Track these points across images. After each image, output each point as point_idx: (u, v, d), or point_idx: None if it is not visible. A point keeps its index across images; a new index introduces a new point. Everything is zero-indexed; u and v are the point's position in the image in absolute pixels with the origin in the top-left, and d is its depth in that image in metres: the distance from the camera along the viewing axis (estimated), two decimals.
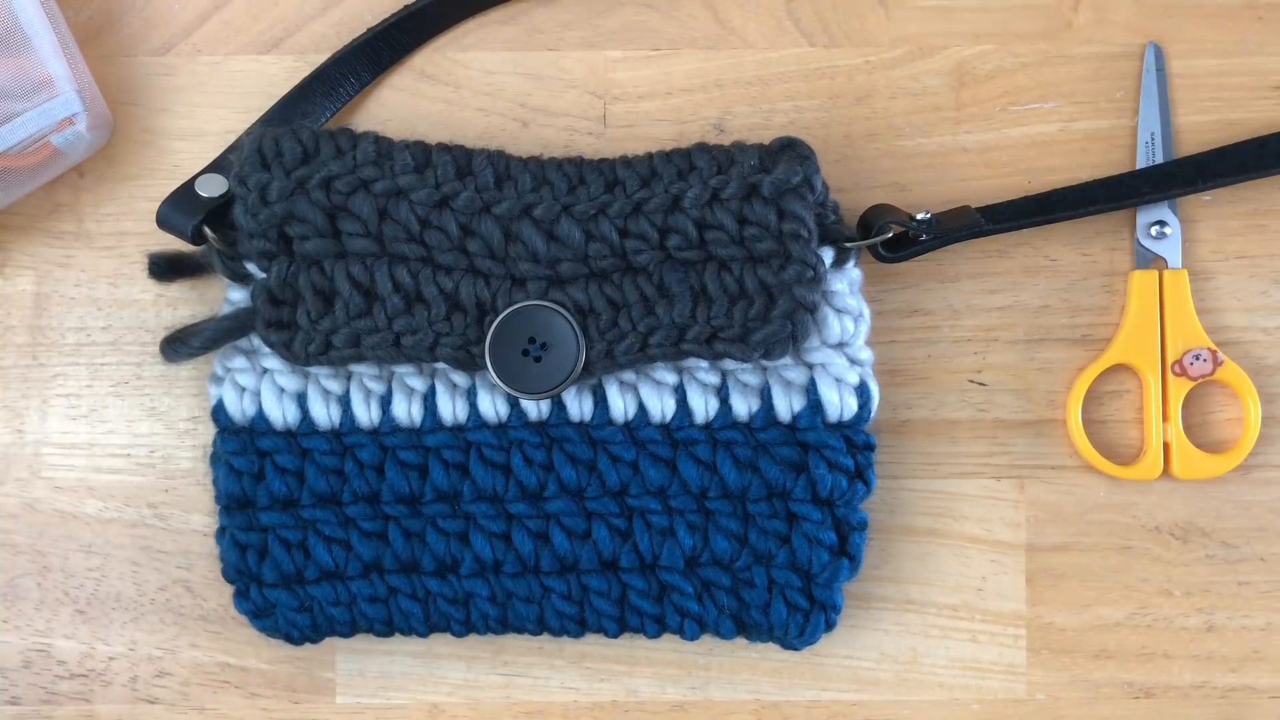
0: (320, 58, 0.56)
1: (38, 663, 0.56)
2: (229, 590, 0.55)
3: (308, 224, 0.50)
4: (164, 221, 0.52)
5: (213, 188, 0.52)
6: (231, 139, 0.56)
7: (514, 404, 0.52)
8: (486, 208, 0.50)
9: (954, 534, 0.56)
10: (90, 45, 0.57)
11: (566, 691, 0.56)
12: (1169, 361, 0.56)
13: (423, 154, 0.51)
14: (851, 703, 0.56)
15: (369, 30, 0.56)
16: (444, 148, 0.52)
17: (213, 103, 0.57)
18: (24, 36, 0.52)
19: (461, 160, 0.51)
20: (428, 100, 0.57)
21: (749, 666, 0.57)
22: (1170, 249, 0.56)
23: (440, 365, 0.52)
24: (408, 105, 0.57)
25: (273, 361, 0.52)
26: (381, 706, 0.56)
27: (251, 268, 0.52)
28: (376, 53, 0.56)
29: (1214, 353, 0.55)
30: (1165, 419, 0.56)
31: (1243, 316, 0.57)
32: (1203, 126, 0.57)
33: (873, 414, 0.53)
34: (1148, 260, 0.56)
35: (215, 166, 0.54)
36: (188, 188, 0.53)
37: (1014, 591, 0.56)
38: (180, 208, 0.52)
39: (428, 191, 0.50)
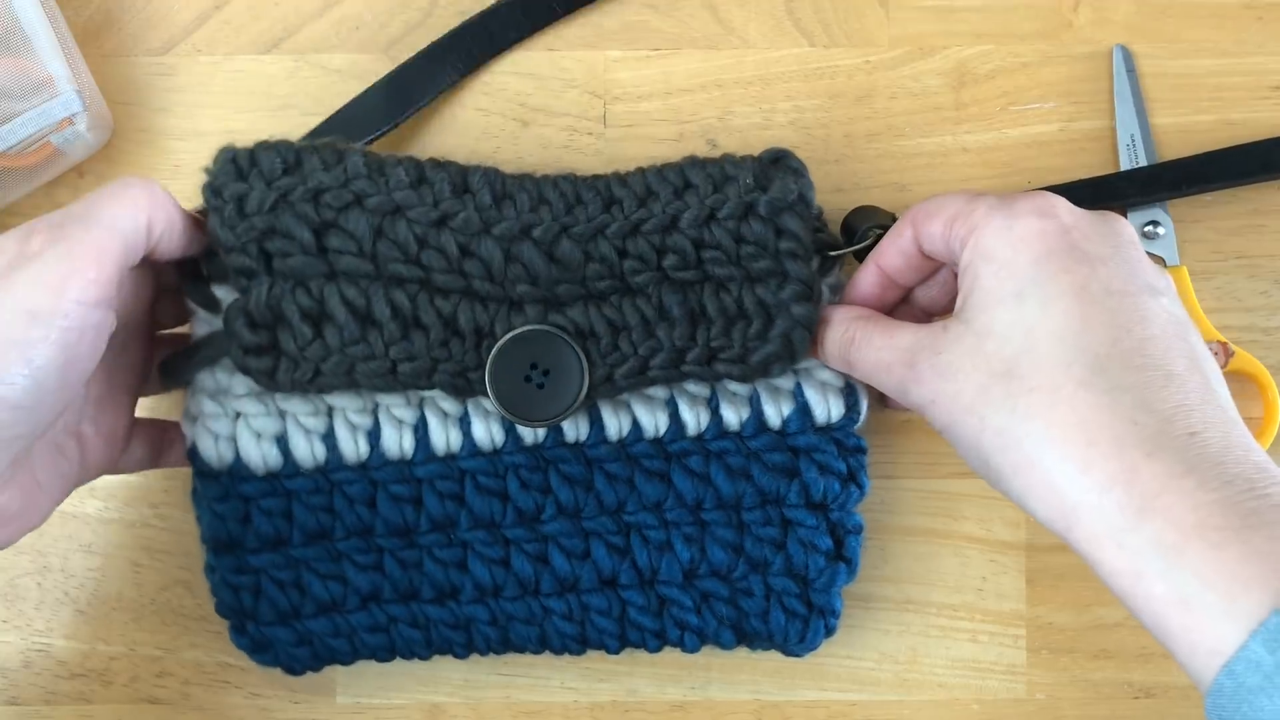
0: (320, 58, 0.56)
1: (38, 663, 0.56)
2: None
3: (292, 239, 0.47)
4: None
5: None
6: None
7: (509, 429, 0.51)
8: (487, 228, 0.48)
9: (953, 534, 0.56)
10: (90, 45, 0.57)
11: (566, 691, 0.56)
12: None
13: (416, 170, 0.49)
14: (851, 703, 0.56)
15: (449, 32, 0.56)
16: (437, 164, 0.49)
17: (213, 103, 0.57)
18: (24, 36, 0.52)
19: (457, 177, 0.49)
20: None
21: (749, 666, 0.56)
22: (1165, 248, 0.56)
23: (427, 393, 0.50)
24: None
25: (245, 404, 0.49)
26: (381, 706, 0.56)
27: (220, 292, 0.48)
28: (467, 52, 0.56)
29: (1224, 345, 0.55)
30: None
31: (1243, 316, 0.57)
32: (1203, 127, 0.57)
33: (862, 416, 0.52)
34: None
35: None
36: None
37: (1014, 591, 0.56)
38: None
39: (425, 209, 0.47)
